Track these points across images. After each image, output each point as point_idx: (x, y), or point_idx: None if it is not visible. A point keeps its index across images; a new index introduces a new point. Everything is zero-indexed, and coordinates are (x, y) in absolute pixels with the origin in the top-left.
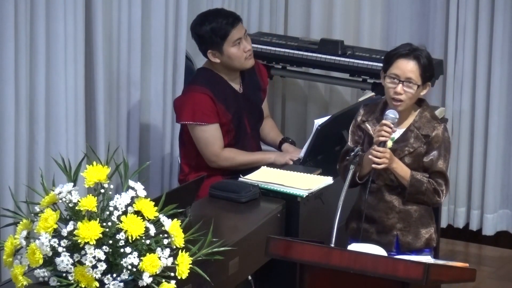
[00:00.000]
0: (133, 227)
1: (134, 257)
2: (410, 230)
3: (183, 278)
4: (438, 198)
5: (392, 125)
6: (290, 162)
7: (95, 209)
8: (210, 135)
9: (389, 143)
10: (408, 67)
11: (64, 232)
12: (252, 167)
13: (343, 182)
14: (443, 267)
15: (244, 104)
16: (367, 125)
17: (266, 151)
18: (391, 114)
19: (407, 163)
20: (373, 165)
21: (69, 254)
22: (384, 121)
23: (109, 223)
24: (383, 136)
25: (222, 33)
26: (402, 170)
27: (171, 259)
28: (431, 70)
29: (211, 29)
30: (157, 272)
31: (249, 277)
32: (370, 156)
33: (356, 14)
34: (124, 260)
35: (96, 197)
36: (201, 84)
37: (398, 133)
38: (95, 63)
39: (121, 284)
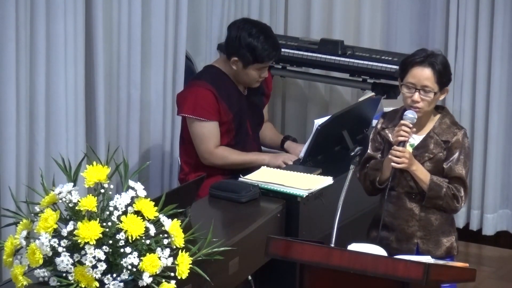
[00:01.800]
0: (133, 227)
1: (134, 257)
2: (431, 238)
3: (183, 278)
4: (457, 204)
5: (411, 125)
6: (283, 165)
7: (95, 209)
8: (207, 131)
9: (409, 149)
10: (423, 75)
11: (64, 232)
12: (250, 167)
13: (362, 189)
14: (443, 267)
15: (247, 106)
16: (387, 132)
17: (261, 152)
18: (410, 114)
19: (427, 169)
20: (392, 164)
21: (69, 254)
22: (402, 121)
23: (109, 223)
24: (402, 135)
25: (259, 58)
26: (422, 173)
27: (171, 259)
28: (448, 75)
29: (254, 48)
30: (157, 272)
31: (249, 277)
32: (389, 156)
33: (356, 14)
34: (124, 260)
35: (96, 197)
36: (206, 80)
37: (418, 139)
38: (95, 63)
39: (121, 284)
